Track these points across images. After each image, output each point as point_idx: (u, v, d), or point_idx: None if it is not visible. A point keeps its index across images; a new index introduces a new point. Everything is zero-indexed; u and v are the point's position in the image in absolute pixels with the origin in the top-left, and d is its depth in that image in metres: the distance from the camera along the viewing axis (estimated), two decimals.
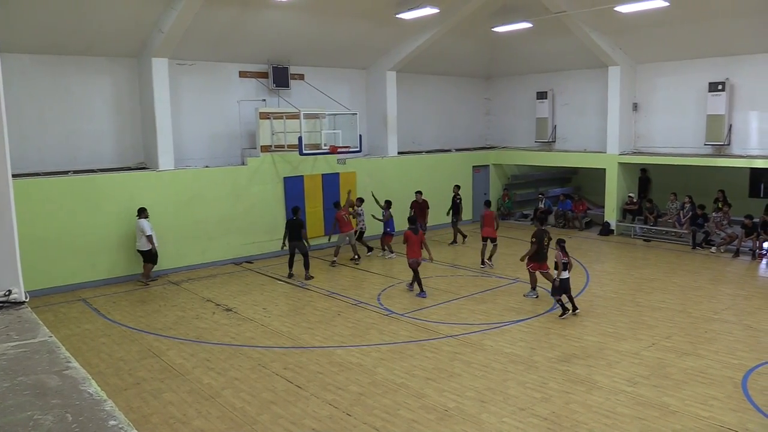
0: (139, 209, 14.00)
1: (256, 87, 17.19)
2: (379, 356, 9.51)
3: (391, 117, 19.51)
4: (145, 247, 13.96)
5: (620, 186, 19.38)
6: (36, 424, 2.13)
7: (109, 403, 2.28)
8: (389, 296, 12.89)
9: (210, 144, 16.52)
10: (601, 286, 13.50)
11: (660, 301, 12.13)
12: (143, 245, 13.97)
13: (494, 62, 22.23)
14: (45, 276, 13.08)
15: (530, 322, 11.03)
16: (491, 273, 14.77)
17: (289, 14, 15.50)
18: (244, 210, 16.22)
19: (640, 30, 17.29)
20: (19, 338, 2.98)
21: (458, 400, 7.92)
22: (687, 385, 8.24)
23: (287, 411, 7.71)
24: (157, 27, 14.07)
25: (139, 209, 14.00)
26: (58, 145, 14.34)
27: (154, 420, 7.53)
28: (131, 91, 15.27)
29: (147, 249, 13.98)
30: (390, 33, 17.88)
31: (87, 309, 12.40)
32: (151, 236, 13.92)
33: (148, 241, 13.91)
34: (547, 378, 8.55)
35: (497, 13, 18.22)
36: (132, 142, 15.42)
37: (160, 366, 9.29)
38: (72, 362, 2.69)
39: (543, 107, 21.34)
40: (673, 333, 10.28)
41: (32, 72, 13.81)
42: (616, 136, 19.05)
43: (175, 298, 13.11)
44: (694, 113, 17.91)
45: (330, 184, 17.86)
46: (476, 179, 22.15)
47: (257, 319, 11.53)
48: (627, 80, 18.95)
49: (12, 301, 3.49)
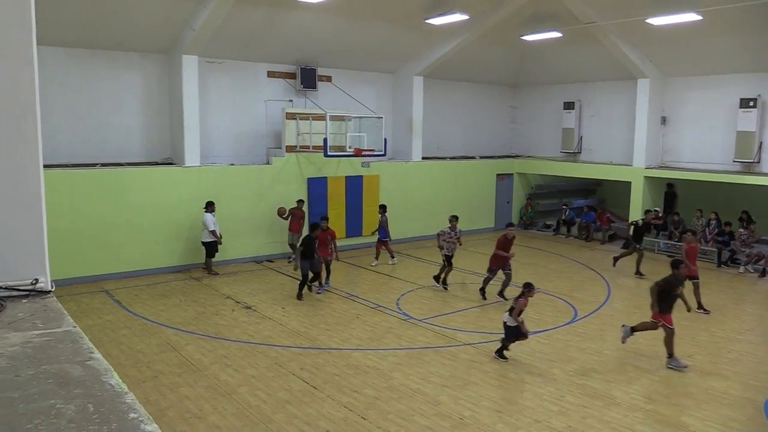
0: (207, 203, 14.46)
1: (284, 87, 17.30)
2: (396, 361, 9.49)
3: (417, 122, 19.51)
4: (208, 239, 14.44)
5: (645, 200, 19.12)
6: (58, 412, 2.16)
7: (130, 396, 2.30)
8: (408, 301, 12.86)
9: (236, 142, 16.67)
10: (622, 300, 13.33)
11: (683, 318, 11.91)
12: (205, 237, 14.47)
13: (522, 71, 22.11)
14: (69, 266, 13.26)
15: (549, 333, 10.92)
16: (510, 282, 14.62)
17: (318, 16, 15.59)
18: (268, 209, 16.31)
19: (671, 43, 17.07)
20: (44, 327, 3.02)
21: (474, 409, 7.87)
22: (707, 405, 8.09)
23: (302, 411, 7.72)
24: (188, 24, 14.24)
25: (206, 203, 14.45)
26: (88, 138, 14.58)
27: (171, 414, 7.59)
28: (160, 87, 15.46)
29: (209, 241, 14.46)
30: (418, 38, 17.88)
31: (109, 300, 12.56)
32: (214, 231, 14.35)
33: (211, 234, 14.36)
34: (565, 391, 8.46)
35: (527, 21, 18.13)
36: (159, 138, 15.61)
37: (179, 360, 9.37)
38: (95, 353, 2.71)
39: (570, 117, 21.17)
40: (695, 352, 10.11)
41: (65, 65, 14.06)
42: (642, 150, 18.82)
43: (196, 293, 13.22)
44: (723, 129, 17.63)
45: (354, 187, 17.89)
46: (500, 187, 22.04)
47: (276, 318, 11.58)
48: (656, 93, 18.72)
49: (38, 290, 3.54)
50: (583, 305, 12.70)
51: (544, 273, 15.57)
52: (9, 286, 3.48)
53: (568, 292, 13.75)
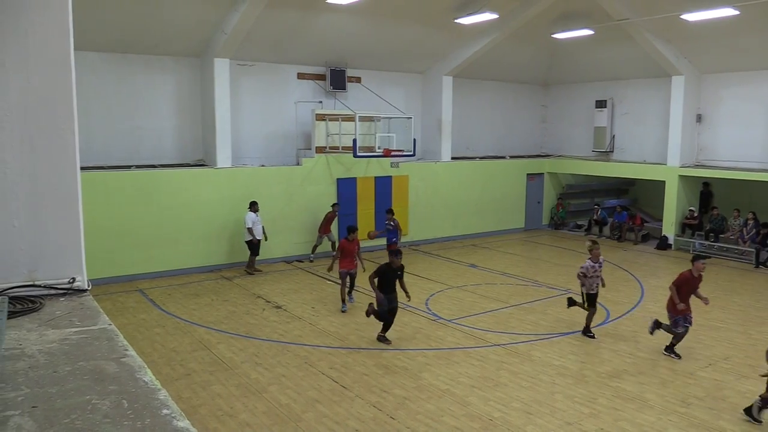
0: (250, 202, 14.75)
1: (314, 89, 17.42)
2: (425, 361, 9.48)
3: (446, 122, 19.45)
4: (247, 238, 14.73)
5: (680, 199, 18.76)
6: (94, 408, 2.22)
7: (163, 393, 2.35)
8: (437, 301, 12.83)
9: (266, 143, 16.84)
10: (655, 302, 13.08)
11: (719, 320, 11.68)
12: (245, 236, 14.74)
13: (552, 69, 21.88)
14: (105, 266, 13.55)
15: (581, 335, 10.78)
16: (540, 282, 14.48)
17: (347, 17, 15.66)
18: (298, 209, 16.44)
19: (707, 39, 16.71)
20: (81, 324, 3.10)
21: (503, 410, 7.82)
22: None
23: (331, 410, 7.76)
24: (220, 28, 14.44)
25: (250, 202, 14.75)
26: (123, 141, 14.89)
27: (203, 411, 7.71)
28: (193, 90, 15.71)
29: (248, 240, 14.73)
30: (448, 38, 17.83)
31: (143, 299, 12.80)
32: (251, 228, 14.57)
33: (249, 233, 14.59)
34: (597, 393, 8.35)
35: (557, 19, 17.94)
36: (192, 140, 15.86)
37: (210, 359, 9.50)
38: (129, 350, 2.78)
39: (602, 116, 20.87)
40: (732, 354, 9.88)
41: (101, 69, 14.37)
42: (677, 148, 18.45)
43: (227, 293, 13.39)
44: (761, 126, 17.21)
45: (383, 187, 17.92)
46: (530, 187, 21.84)
47: (306, 317, 11.66)
48: (691, 90, 18.34)
49: (75, 288, 3.64)
50: (616, 306, 12.52)
51: (575, 274, 15.34)
52: (47, 284, 3.59)
53: (601, 293, 13.50)
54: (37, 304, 3.37)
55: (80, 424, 2.11)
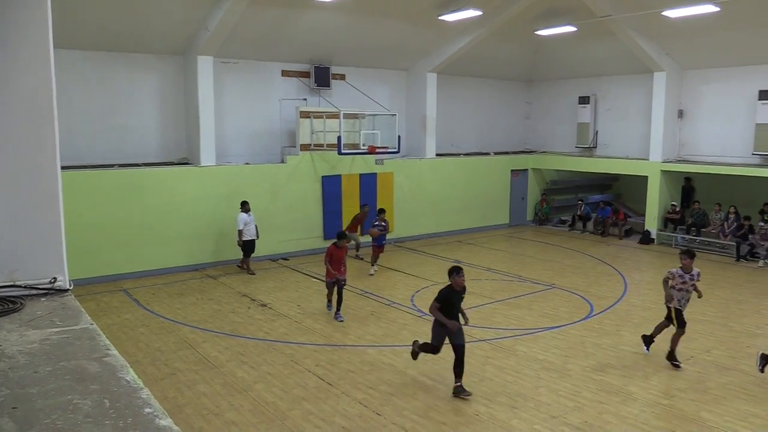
0: (241, 202, 14.62)
1: (298, 86, 17.37)
2: (411, 357, 9.49)
3: (431, 119, 19.48)
4: (239, 239, 14.64)
5: (662, 194, 18.95)
6: (75, 408, 2.21)
7: (145, 391, 2.35)
8: (423, 298, 12.86)
9: (251, 141, 16.77)
10: (639, 295, 13.24)
11: (701, 313, 11.82)
12: (238, 237, 14.63)
13: (536, 66, 22.00)
14: (88, 265, 13.44)
15: (565, 329, 10.87)
16: (525, 278, 14.59)
17: (332, 15, 15.63)
18: (283, 207, 16.40)
19: (688, 35, 16.88)
20: (62, 324, 3.09)
21: (489, 404, 7.87)
22: (726, 400, 8.02)
23: (318, 408, 7.77)
24: (203, 26, 14.35)
25: (241, 202, 14.62)
26: (105, 139, 14.75)
27: (188, 410, 7.68)
28: (176, 88, 15.60)
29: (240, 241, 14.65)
30: (432, 35, 17.85)
31: (127, 299, 12.71)
32: (241, 231, 14.43)
33: (239, 235, 14.51)
34: (581, 387, 8.43)
35: (541, 16, 18.02)
36: (175, 138, 15.76)
37: (195, 358, 9.47)
38: (111, 350, 2.77)
39: (585, 112, 21.01)
40: (714, 347, 10.02)
41: (83, 67, 14.23)
42: (659, 144, 18.65)
43: (212, 291, 13.33)
44: (742, 122, 17.41)
45: (367, 185, 17.93)
46: (514, 183, 21.95)
47: (291, 315, 11.65)
48: (673, 86, 18.53)
49: (57, 288, 3.62)
50: (600, 301, 12.64)
51: (559, 269, 15.51)
52: (28, 284, 3.56)
53: (584, 287, 13.68)
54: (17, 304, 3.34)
55: (61, 424, 2.10)
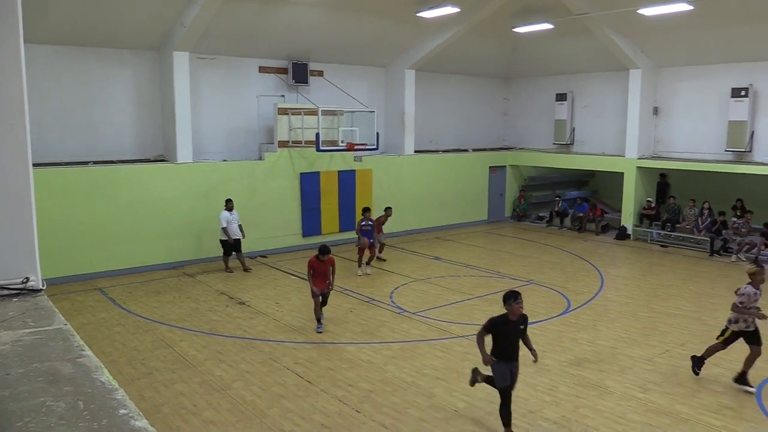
0: (225, 200, 14.52)
1: (276, 82, 17.26)
2: (390, 354, 9.52)
3: (409, 115, 19.49)
4: (221, 237, 14.49)
5: (638, 190, 19.20)
6: (48, 410, 2.17)
7: (121, 392, 2.32)
8: (402, 294, 12.89)
9: (228, 138, 16.62)
10: (615, 290, 13.40)
11: (675, 307, 12.01)
12: (221, 235, 14.50)
13: (514, 63, 22.12)
14: (63, 264, 13.23)
15: (543, 324, 10.96)
16: (503, 274, 14.68)
17: (309, 11, 15.54)
18: (261, 204, 16.29)
19: (663, 33, 17.11)
20: (35, 325, 3.03)
21: (468, 400, 7.91)
22: (700, 393, 8.16)
23: (297, 405, 7.75)
24: (179, 21, 14.17)
25: (225, 200, 14.52)
26: (79, 136, 14.51)
27: (166, 410, 7.61)
28: (152, 84, 15.40)
29: (222, 239, 14.51)
30: (410, 31, 17.86)
31: (103, 298, 12.54)
32: (225, 228, 14.30)
33: (223, 232, 14.36)
34: (558, 381, 8.51)
35: (518, 13, 18.13)
36: (151, 135, 15.55)
37: (173, 357, 9.38)
38: (86, 350, 2.73)
39: (562, 109, 21.20)
40: (688, 340, 10.18)
41: (54, 63, 13.97)
42: (635, 140, 18.88)
43: (190, 290, 13.21)
44: (715, 119, 17.70)
45: (346, 182, 17.89)
46: (493, 180, 22.07)
47: (270, 313, 11.59)
48: (648, 84, 18.76)
49: (29, 288, 3.55)
50: (576, 296, 12.76)
51: (537, 264, 15.64)
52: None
53: (562, 283, 13.81)
54: None
55: (34, 427, 2.06)
